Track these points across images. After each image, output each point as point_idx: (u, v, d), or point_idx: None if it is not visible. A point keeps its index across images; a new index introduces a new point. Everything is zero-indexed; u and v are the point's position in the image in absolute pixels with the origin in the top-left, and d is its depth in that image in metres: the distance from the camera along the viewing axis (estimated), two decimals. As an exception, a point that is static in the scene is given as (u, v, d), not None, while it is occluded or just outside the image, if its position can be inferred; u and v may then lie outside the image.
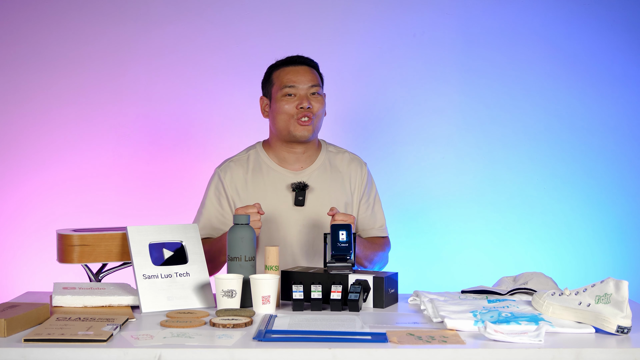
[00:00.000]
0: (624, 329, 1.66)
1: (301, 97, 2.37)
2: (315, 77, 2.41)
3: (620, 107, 3.45)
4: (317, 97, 2.39)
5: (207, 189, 2.46)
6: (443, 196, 3.44)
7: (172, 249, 2.04)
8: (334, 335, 1.66)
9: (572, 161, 3.45)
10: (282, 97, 2.38)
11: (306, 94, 2.38)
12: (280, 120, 2.38)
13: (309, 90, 2.38)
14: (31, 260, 3.36)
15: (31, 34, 3.40)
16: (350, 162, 2.50)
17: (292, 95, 2.37)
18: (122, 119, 3.42)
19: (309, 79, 2.39)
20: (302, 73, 2.40)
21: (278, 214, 2.38)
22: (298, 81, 2.38)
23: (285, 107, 2.37)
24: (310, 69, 2.42)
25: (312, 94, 2.38)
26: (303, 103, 2.36)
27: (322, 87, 2.44)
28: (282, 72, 2.41)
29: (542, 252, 3.43)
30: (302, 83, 2.38)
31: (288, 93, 2.37)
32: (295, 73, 2.39)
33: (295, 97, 2.37)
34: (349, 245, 2.03)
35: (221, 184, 2.42)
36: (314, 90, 2.39)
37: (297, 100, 2.37)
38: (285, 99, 2.37)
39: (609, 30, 3.44)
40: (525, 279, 2.06)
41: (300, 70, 2.40)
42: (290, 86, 2.37)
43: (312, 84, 2.39)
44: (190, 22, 3.43)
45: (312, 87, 2.38)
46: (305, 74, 2.40)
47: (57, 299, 1.92)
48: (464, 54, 3.45)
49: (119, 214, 3.33)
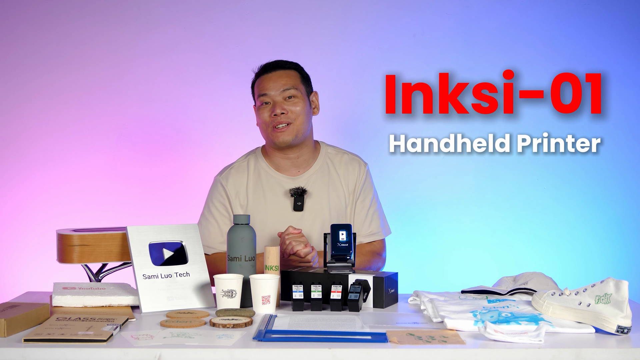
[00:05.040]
0: (624, 329, 1.66)
1: (274, 104, 2.36)
2: (290, 80, 2.38)
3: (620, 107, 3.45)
4: (294, 99, 2.37)
5: (210, 198, 2.45)
6: (443, 196, 3.44)
7: (172, 249, 2.04)
8: (334, 335, 1.66)
9: (572, 161, 3.45)
10: (260, 107, 2.39)
11: (279, 99, 2.36)
12: (262, 130, 2.41)
13: (282, 95, 2.36)
14: (31, 260, 3.36)
15: (31, 34, 3.40)
16: (349, 162, 2.49)
17: (267, 104, 2.37)
18: (122, 119, 3.42)
19: (282, 84, 2.37)
20: (274, 79, 2.37)
21: (278, 219, 2.39)
22: (269, 88, 2.37)
23: (263, 116, 2.38)
24: (285, 72, 2.39)
25: (289, 98, 2.36)
26: (275, 110, 2.35)
27: (303, 87, 2.40)
28: (258, 81, 2.41)
29: (542, 252, 3.43)
30: (274, 90, 2.36)
31: (264, 101, 2.38)
32: (267, 80, 2.38)
33: (270, 104, 2.37)
34: (349, 245, 2.03)
35: (224, 191, 2.42)
36: (288, 94, 2.36)
37: (271, 108, 2.36)
38: (262, 107, 2.38)
39: (609, 30, 3.44)
40: (525, 279, 2.06)
41: (273, 77, 2.38)
42: (263, 94, 2.37)
43: (284, 88, 2.36)
44: (190, 22, 3.43)
45: (284, 91, 2.36)
46: (278, 79, 2.37)
47: (57, 299, 1.92)
48: (464, 54, 3.45)
49: (119, 214, 3.33)
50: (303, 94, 2.39)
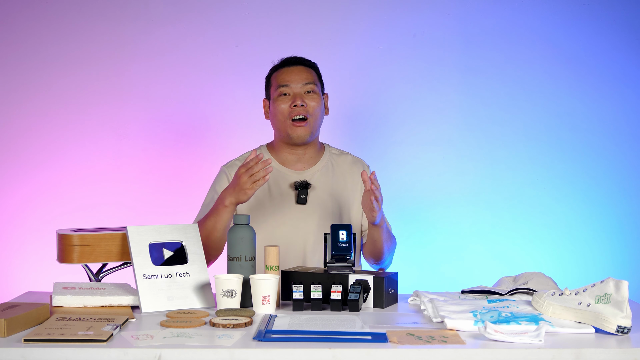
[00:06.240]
0: (624, 329, 1.66)
1: (295, 95, 2.39)
2: (311, 76, 2.43)
3: (620, 107, 3.45)
4: (313, 95, 2.41)
5: (213, 184, 2.48)
6: (443, 196, 3.44)
7: (172, 249, 2.05)
8: (334, 335, 1.66)
9: (572, 161, 3.45)
10: (277, 97, 2.41)
11: (300, 92, 2.40)
12: (278, 121, 2.42)
13: (303, 89, 2.40)
14: (31, 260, 3.36)
15: (31, 34, 3.40)
16: (353, 163, 2.52)
17: (287, 95, 2.41)
18: (122, 118, 3.42)
19: (303, 77, 2.41)
20: (297, 72, 2.42)
21: (280, 211, 2.40)
22: (291, 80, 2.41)
23: (281, 107, 2.40)
24: (306, 69, 2.44)
25: (308, 92, 2.41)
26: (296, 101, 2.38)
27: (319, 86, 2.45)
28: (278, 73, 2.45)
29: (542, 252, 3.43)
30: (296, 82, 2.40)
31: (283, 92, 2.41)
32: (289, 73, 2.43)
33: (290, 96, 2.40)
34: (349, 245, 2.03)
35: (227, 179, 2.44)
36: (308, 88, 2.41)
37: (292, 99, 2.39)
38: (280, 98, 2.41)
39: (609, 30, 3.44)
40: (525, 279, 2.06)
41: (295, 70, 2.43)
42: (284, 85, 2.40)
43: (306, 82, 2.41)
44: (190, 22, 3.43)
45: (306, 84, 2.41)
46: (300, 73, 2.42)
47: (57, 299, 1.92)
48: (463, 54, 3.45)
49: (119, 214, 3.33)
50: (320, 92, 2.45)
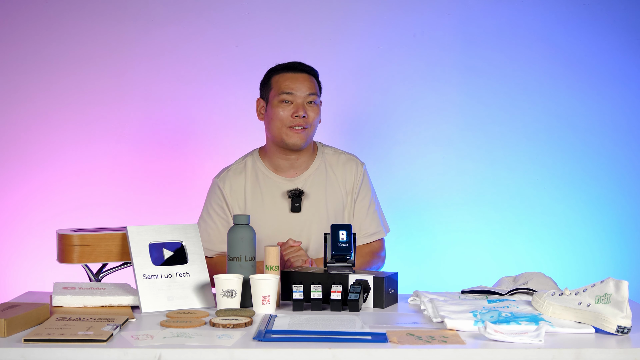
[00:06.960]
0: (624, 329, 1.66)
1: (297, 106, 2.37)
2: (314, 86, 2.40)
3: (619, 107, 3.45)
4: (314, 106, 2.39)
5: (208, 200, 2.46)
6: (443, 196, 3.44)
7: (172, 249, 2.04)
8: (334, 335, 1.66)
9: (572, 161, 3.45)
10: (278, 103, 2.38)
11: (303, 102, 2.37)
12: (274, 126, 2.39)
13: (306, 99, 2.38)
14: (31, 260, 3.36)
15: (31, 34, 3.40)
16: (346, 162, 2.49)
17: (288, 103, 2.37)
18: (122, 118, 3.42)
19: (308, 87, 2.38)
20: (301, 81, 2.39)
21: (275, 220, 2.39)
22: (296, 88, 2.37)
23: (281, 114, 2.37)
24: (310, 77, 2.41)
25: (309, 103, 2.38)
26: (299, 111, 2.36)
27: (319, 96, 2.44)
28: (281, 78, 2.40)
29: (542, 252, 3.43)
30: (300, 91, 2.37)
31: (285, 100, 2.37)
32: (294, 80, 2.39)
33: (292, 104, 2.37)
34: (349, 245, 2.03)
35: (221, 194, 2.43)
36: (311, 99, 2.38)
37: (293, 108, 2.37)
38: (281, 105, 2.37)
39: (609, 30, 3.44)
40: (525, 279, 2.06)
41: (300, 78, 2.39)
42: (287, 93, 2.37)
43: (309, 92, 2.38)
44: (190, 22, 3.43)
45: (309, 95, 2.38)
46: (304, 81, 2.39)
47: (57, 299, 1.92)
48: (464, 54, 3.45)
49: (119, 214, 3.33)
50: (319, 103, 2.43)
